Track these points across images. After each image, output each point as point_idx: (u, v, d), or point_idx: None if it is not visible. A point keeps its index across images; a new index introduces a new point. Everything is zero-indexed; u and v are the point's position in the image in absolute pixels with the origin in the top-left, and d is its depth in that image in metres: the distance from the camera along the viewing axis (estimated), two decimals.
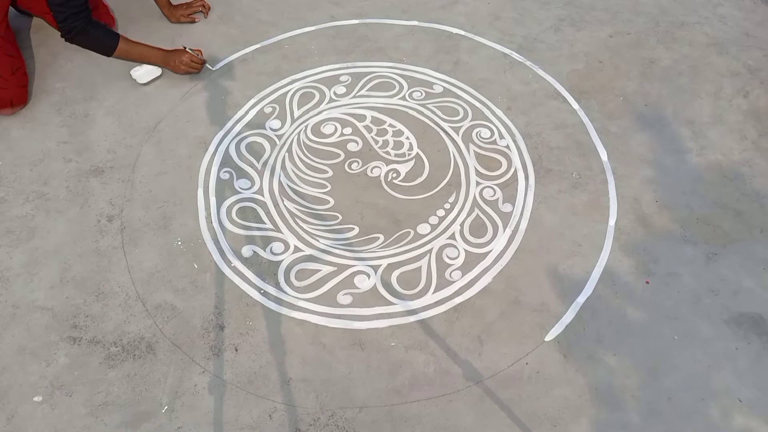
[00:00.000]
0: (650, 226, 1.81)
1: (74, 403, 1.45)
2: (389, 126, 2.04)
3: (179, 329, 1.58)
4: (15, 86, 1.98)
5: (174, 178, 1.90)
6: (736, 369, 1.53)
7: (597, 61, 2.28)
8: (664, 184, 1.91)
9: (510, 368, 1.52)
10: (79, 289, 1.65)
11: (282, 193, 1.87)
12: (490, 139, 2.01)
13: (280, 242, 1.75)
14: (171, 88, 2.15)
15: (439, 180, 1.90)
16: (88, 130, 2.02)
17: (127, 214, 1.81)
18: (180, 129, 2.03)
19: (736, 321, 1.61)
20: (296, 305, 1.63)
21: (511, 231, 1.78)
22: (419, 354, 1.54)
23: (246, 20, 2.41)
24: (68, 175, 1.90)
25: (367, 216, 1.81)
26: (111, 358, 1.52)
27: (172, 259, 1.71)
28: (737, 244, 1.77)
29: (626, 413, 1.45)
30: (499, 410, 1.45)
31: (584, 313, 1.62)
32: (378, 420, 1.44)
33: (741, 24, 2.44)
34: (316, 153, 1.97)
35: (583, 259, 1.72)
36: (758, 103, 2.15)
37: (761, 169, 1.95)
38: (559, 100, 2.14)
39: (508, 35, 2.36)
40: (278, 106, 2.10)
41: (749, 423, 1.45)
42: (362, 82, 2.18)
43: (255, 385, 1.49)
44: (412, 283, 1.67)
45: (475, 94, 2.14)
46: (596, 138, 2.02)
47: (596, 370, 1.52)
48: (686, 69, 2.26)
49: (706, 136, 2.04)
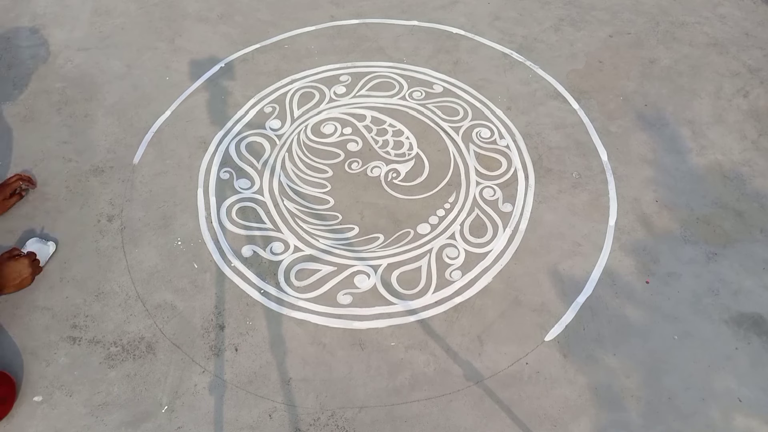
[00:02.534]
0: (650, 225, 1.81)
1: (74, 403, 1.45)
2: (389, 126, 2.04)
3: (179, 329, 1.58)
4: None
5: (174, 178, 1.90)
6: (736, 369, 1.53)
7: (597, 61, 2.28)
8: (664, 184, 1.90)
9: (510, 368, 1.52)
10: (79, 289, 1.65)
11: (282, 193, 1.87)
12: (490, 139, 2.01)
13: (280, 242, 1.75)
14: (171, 88, 2.15)
15: (439, 180, 1.90)
16: (88, 130, 2.02)
17: (127, 214, 1.81)
18: (180, 129, 2.03)
19: (736, 321, 1.61)
20: (296, 305, 1.63)
21: (511, 231, 1.78)
22: (419, 354, 1.54)
23: (246, 20, 2.41)
24: (68, 175, 1.90)
25: (367, 216, 1.81)
26: (111, 358, 1.52)
27: (172, 259, 1.71)
28: (737, 244, 1.77)
29: (626, 413, 1.45)
30: (499, 410, 1.45)
31: (584, 313, 1.62)
32: (378, 420, 1.44)
33: (741, 24, 2.44)
34: (316, 153, 1.97)
35: (583, 259, 1.72)
36: (758, 103, 2.15)
37: (761, 169, 1.95)
38: (559, 100, 2.13)
39: (508, 35, 2.36)
40: (278, 106, 2.10)
41: (749, 423, 1.45)
42: (362, 82, 2.18)
43: (255, 385, 1.49)
44: (412, 283, 1.67)
45: (475, 94, 2.14)
46: (596, 138, 2.02)
47: (596, 370, 1.52)
48: (686, 69, 2.26)
49: (706, 136, 2.04)
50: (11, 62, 2.24)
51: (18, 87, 2.15)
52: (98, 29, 2.37)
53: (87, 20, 2.40)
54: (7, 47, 2.29)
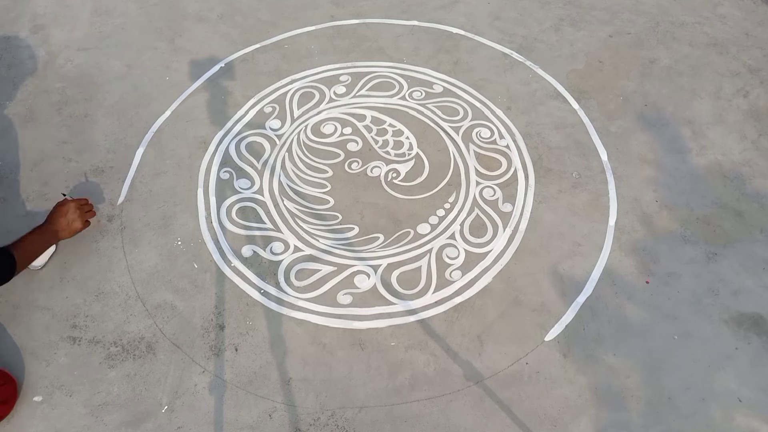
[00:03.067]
0: (650, 225, 1.81)
1: (74, 403, 1.45)
2: (389, 126, 2.04)
3: (179, 329, 1.58)
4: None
5: (174, 178, 1.90)
6: (736, 369, 1.53)
7: (597, 61, 2.28)
8: (664, 184, 1.90)
9: (510, 368, 1.52)
10: (79, 289, 1.65)
11: (282, 193, 1.87)
12: (490, 139, 2.01)
13: (280, 242, 1.75)
14: (171, 88, 2.15)
15: (439, 180, 1.90)
16: (88, 130, 2.02)
17: (127, 214, 1.81)
18: (180, 129, 2.03)
19: (736, 321, 1.61)
20: (296, 305, 1.63)
21: (511, 231, 1.78)
22: (419, 354, 1.54)
23: (246, 20, 2.41)
24: (68, 175, 1.90)
25: (367, 216, 1.81)
26: (111, 358, 1.52)
27: (172, 259, 1.71)
28: (737, 244, 1.77)
29: (626, 413, 1.45)
30: (499, 410, 1.45)
31: (584, 313, 1.62)
32: (378, 420, 1.44)
33: (741, 24, 2.44)
34: (316, 153, 1.97)
35: (583, 259, 1.72)
36: (758, 103, 2.15)
37: (761, 169, 1.95)
38: (559, 100, 2.13)
39: (508, 35, 2.36)
40: (278, 106, 2.10)
41: (749, 423, 1.45)
42: (362, 81, 2.18)
43: (255, 385, 1.49)
44: (412, 283, 1.67)
45: (475, 94, 2.14)
46: (596, 138, 2.02)
47: (596, 370, 1.52)
48: (686, 69, 2.26)
49: (706, 136, 2.04)
50: (11, 62, 2.24)
51: (18, 87, 2.15)
52: (98, 29, 2.37)
53: (87, 20, 2.40)
54: (7, 47, 2.29)
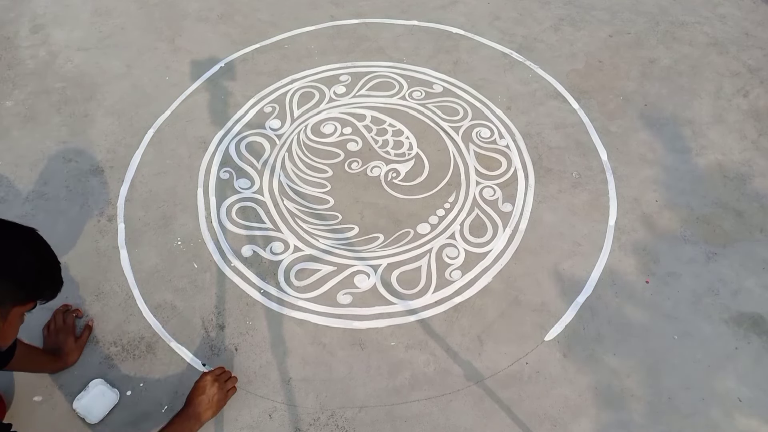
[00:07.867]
0: (650, 225, 1.80)
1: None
2: (389, 126, 2.04)
3: (179, 329, 1.58)
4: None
5: (174, 178, 1.90)
6: (736, 369, 1.53)
7: (597, 60, 2.28)
8: (664, 184, 1.90)
9: (510, 368, 1.52)
10: (79, 289, 1.65)
11: (282, 193, 1.87)
12: (490, 139, 2.01)
13: (280, 242, 1.75)
14: (171, 88, 2.15)
15: (439, 180, 1.90)
16: (88, 130, 2.02)
17: (127, 214, 1.81)
18: (180, 129, 2.03)
19: (736, 321, 1.61)
20: (296, 305, 1.63)
21: (511, 231, 1.78)
22: (419, 354, 1.54)
23: (246, 20, 2.41)
24: (68, 175, 1.90)
25: (367, 216, 1.81)
26: (111, 358, 1.52)
27: (172, 258, 1.71)
28: (737, 244, 1.77)
29: (626, 413, 1.45)
30: (499, 410, 1.45)
31: (584, 312, 1.62)
32: (378, 420, 1.44)
33: (741, 24, 2.44)
34: (316, 153, 1.97)
35: (583, 259, 1.72)
36: (758, 102, 2.15)
37: (761, 169, 1.95)
38: (559, 99, 2.13)
39: (508, 35, 2.36)
40: (278, 106, 2.10)
41: (749, 423, 1.44)
42: (362, 81, 2.18)
43: (255, 385, 1.49)
44: (412, 283, 1.67)
45: (475, 94, 2.14)
46: (596, 138, 2.02)
47: (596, 370, 1.52)
48: (686, 69, 2.26)
49: (706, 136, 2.04)
50: (11, 62, 2.24)
51: (18, 87, 2.15)
52: (98, 29, 2.37)
53: (87, 20, 2.41)
54: (7, 47, 2.29)
